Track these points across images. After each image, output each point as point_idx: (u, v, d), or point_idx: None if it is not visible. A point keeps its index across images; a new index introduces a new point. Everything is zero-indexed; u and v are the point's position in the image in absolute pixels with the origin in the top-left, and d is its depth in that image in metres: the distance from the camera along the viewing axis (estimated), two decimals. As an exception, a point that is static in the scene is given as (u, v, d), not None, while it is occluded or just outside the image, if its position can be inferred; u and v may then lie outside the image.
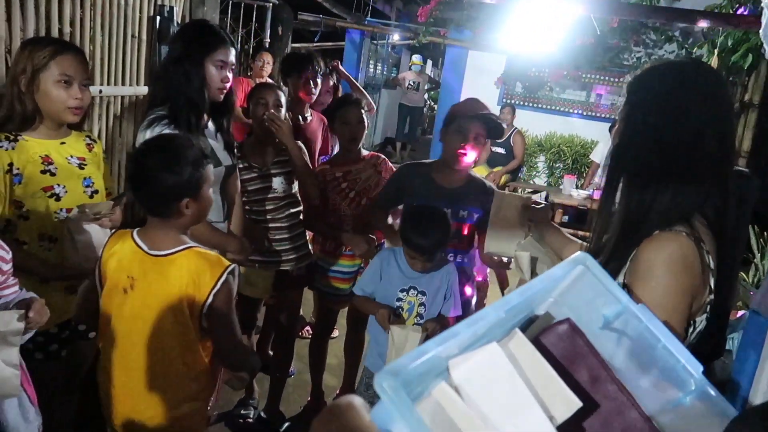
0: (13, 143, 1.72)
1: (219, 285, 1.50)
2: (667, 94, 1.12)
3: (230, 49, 2.05)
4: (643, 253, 1.06)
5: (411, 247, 2.09)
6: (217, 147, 2.15)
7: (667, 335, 0.60)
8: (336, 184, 2.62)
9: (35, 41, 1.84)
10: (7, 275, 1.49)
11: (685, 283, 1.03)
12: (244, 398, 2.80)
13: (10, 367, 1.33)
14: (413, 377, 0.50)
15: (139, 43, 3.37)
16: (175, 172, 1.47)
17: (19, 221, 1.75)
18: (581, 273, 0.66)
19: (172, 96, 1.97)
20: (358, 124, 2.60)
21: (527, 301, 0.63)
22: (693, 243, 1.04)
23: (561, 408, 0.56)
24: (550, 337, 0.64)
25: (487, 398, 0.53)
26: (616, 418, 0.60)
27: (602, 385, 0.61)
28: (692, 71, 1.14)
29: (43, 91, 1.73)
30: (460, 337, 0.54)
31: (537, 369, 0.58)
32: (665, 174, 1.10)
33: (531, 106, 8.04)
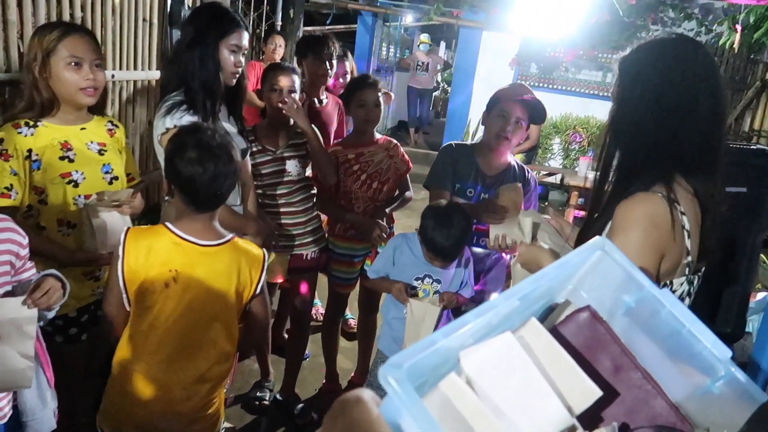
0: (32, 129, 1.72)
1: (263, 275, 1.62)
2: (662, 68, 1.20)
3: (243, 32, 2.03)
4: (619, 210, 1.17)
5: (431, 249, 2.08)
6: (231, 131, 2.14)
7: (693, 320, 0.57)
8: (348, 165, 2.60)
9: (45, 26, 1.83)
10: (24, 260, 1.50)
11: (652, 239, 1.12)
12: (260, 381, 2.82)
13: (24, 358, 1.34)
14: (421, 369, 0.48)
15: (150, 27, 3.35)
16: (233, 169, 1.55)
17: (39, 206, 1.76)
18: (600, 258, 0.63)
19: (187, 81, 1.96)
20: (374, 107, 2.57)
21: (543, 289, 0.61)
22: (666, 203, 1.14)
23: (580, 398, 0.54)
24: (570, 325, 0.62)
25: (500, 389, 0.51)
26: (642, 407, 0.58)
27: (626, 373, 0.59)
28: (684, 47, 1.22)
29: (55, 75, 1.73)
30: (470, 327, 0.52)
31: (554, 358, 0.56)
32: (656, 142, 1.19)
33: (546, 87, 7.92)
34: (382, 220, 2.60)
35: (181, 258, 1.52)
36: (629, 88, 1.24)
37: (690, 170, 1.20)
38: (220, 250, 1.56)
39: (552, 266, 0.58)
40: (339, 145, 2.68)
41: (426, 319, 1.97)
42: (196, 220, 1.56)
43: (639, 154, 1.22)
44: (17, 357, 1.33)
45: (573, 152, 7.80)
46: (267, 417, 2.69)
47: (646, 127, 1.20)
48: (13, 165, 1.67)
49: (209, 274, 1.54)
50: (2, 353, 1.30)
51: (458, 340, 0.53)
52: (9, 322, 1.30)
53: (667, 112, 1.18)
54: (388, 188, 2.69)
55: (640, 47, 1.27)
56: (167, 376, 1.55)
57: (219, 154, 1.52)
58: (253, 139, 2.38)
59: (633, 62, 1.26)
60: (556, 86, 7.95)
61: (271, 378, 2.84)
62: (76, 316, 1.87)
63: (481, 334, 0.53)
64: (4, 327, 1.29)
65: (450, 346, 0.52)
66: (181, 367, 1.55)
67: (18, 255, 1.47)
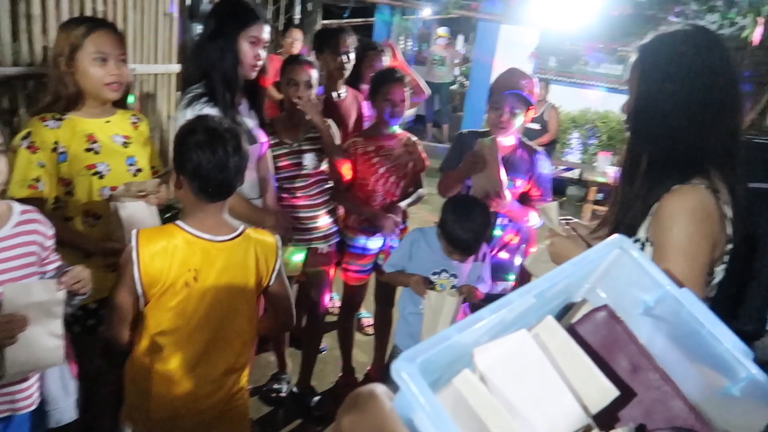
0: (59, 122, 1.75)
1: (279, 261, 1.63)
2: (690, 60, 1.19)
3: (264, 25, 2.04)
4: (666, 205, 1.16)
5: (450, 243, 2.07)
6: (251, 124, 2.16)
7: (713, 320, 0.57)
8: (367, 158, 2.60)
9: (71, 21, 1.86)
10: (49, 251, 1.53)
11: (706, 230, 1.13)
12: (277, 373, 2.85)
13: (54, 337, 1.38)
14: (434, 364, 0.48)
15: (170, 20, 3.38)
16: (243, 156, 1.52)
17: (66, 198, 1.79)
18: (618, 256, 0.63)
19: (207, 73, 1.98)
20: (400, 102, 2.57)
21: (560, 287, 0.61)
22: (711, 194, 1.15)
23: (596, 397, 0.54)
24: (587, 324, 0.61)
25: (514, 387, 0.51)
26: (660, 409, 0.57)
27: (644, 373, 0.59)
28: (708, 39, 1.22)
29: (81, 70, 1.76)
30: (484, 324, 0.52)
31: (570, 357, 0.55)
32: (688, 136, 1.18)
33: (565, 81, 7.82)
34: (396, 215, 2.61)
35: (198, 256, 1.50)
36: (655, 80, 1.22)
37: (718, 164, 1.20)
38: (234, 243, 1.55)
39: (569, 263, 0.58)
40: (360, 136, 2.68)
41: (444, 311, 1.98)
42: (207, 215, 1.53)
43: (670, 148, 1.20)
44: (47, 337, 1.37)
45: (592, 147, 7.72)
46: (283, 409, 2.71)
47: (677, 121, 1.19)
48: (41, 157, 1.70)
49: (228, 269, 1.53)
50: (33, 334, 1.34)
51: (473, 337, 0.53)
52: (37, 305, 1.34)
53: (697, 106, 1.17)
54: (405, 184, 2.69)
55: (662, 38, 1.25)
56: (195, 372, 1.54)
57: (227, 139, 1.49)
58: (271, 132, 2.40)
59: (657, 53, 1.24)
60: (576, 80, 7.85)
61: (288, 370, 2.87)
62: (96, 308, 1.90)
63: (496, 331, 0.53)
64: (32, 309, 1.33)
65: (464, 343, 0.52)
66: (210, 362, 1.55)
67: (43, 246, 1.51)
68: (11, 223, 1.44)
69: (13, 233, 1.44)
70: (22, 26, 2.34)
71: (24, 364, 1.37)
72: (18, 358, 1.34)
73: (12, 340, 1.31)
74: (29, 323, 1.33)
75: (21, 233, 1.45)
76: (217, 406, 1.60)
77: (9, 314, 1.30)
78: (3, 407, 1.47)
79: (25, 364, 1.37)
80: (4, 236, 1.42)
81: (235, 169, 1.51)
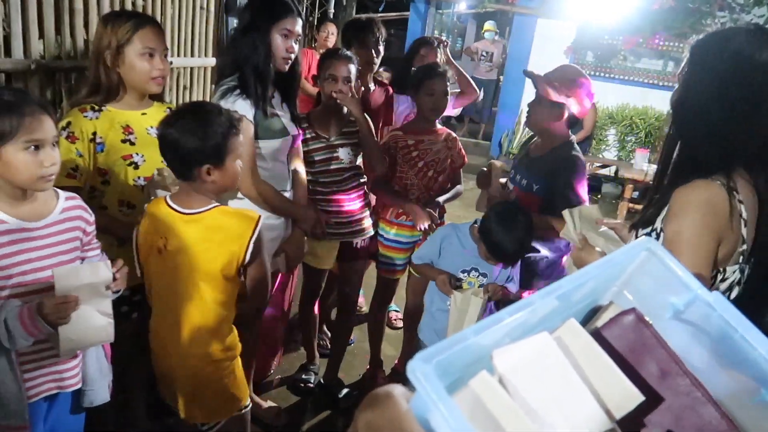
0: (97, 113, 1.80)
1: (255, 235, 1.64)
2: (730, 57, 1.18)
3: (297, 18, 2.05)
4: (677, 196, 1.20)
5: (493, 252, 2.04)
6: (283, 117, 2.18)
7: (746, 325, 0.55)
8: (407, 151, 2.60)
9: (115, 16, 1.90)
10: (90, 236, 1.60)
11: (711, 224, 1.15)
12: (306, 363, 2.88)
13: (104, 316, 1.45)
14: (452, 365, 0.48)
15: (207, 14, 3.43)
16: (197, 137, 1.56)
17: (102, 187, 1.85)
18: (646, 258, 0.61)
19: (240, 66, 2.01)
20: (443, 96, 2.56)
21: (586, 290, 0.60)
22: (725, 191, 1.16)
23: (621, 402, 0.53)
24: (614, 328, 0.60)
25: (534, 390, 0.50)
26: (691, 415, 0.56)
27: (674, 379, 0.57)
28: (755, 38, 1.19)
29: (128, 64, 1.81)
30: (506, 325, 0.51)
31: (594, 360, 0.54)
32: (720, 133, 1.19)
33: (602, 76, 7.66)
34: (434, 210, 2.60)
35: (169, 226, 1.64)
36: (697, 75, 1.24)
37: (751, 162, 1.21)
38: (202, 216, 1.64)
39: (593, 265, 0.56)
40: (400, 130, 2.68)
41: (469, 311, 1.96)
42: (185, 191, 1.66)
43: (702, 144, 1.22)
44: (98, 315, 1.44)
45: (630, 144, 7.54)
46: (311, 399, 2.74)
47: (711, 117, 1.20)
48: (79, 147, 1.76)
49: (192, 239, 1.62)
50: (85, 313, 1.41)
51: (493, 338, 0.52)
52: (87, 286, 1.40)
53: (732, 104, 1.18)
54: (443, 179, 2.68)
55: (714, 34, 1.26)
56: (172, 334, 1.69)
57: (188, 121, 1.57)
58: (306, 126, 2.41)
59: (703, 49, 1.25)
60: (614, 75, 7.67)
61: (316, 362, 2.90)
62: (129, 295, 1.95)
63: (518, 333, 0.52)
64: (83, 290, 1.39)
65: (485, 344, 0.51)
66: (180, 325, 1.68)
67: (86, 231, 1.57)
68: (59, 209, 1.51)
69: (60, 219, 1.50)
70: (65, 20, 2.40)
71: (77, 341, 1.45)
72: (71, 335, 1.41)
73: (65, 320, 1.38)
74: (80, 303, 1.40)
75: (67, 219, 1.52)
76: (197, 372, 1.71)
77: (62, 296, 1.37)
78: (51, 384, 1.55)
79: (77, 342, 1.45)
80: (53, 221, 1.49)
81: (186, 151, 1.57)
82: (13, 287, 1.40)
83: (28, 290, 1.42)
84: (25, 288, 1.42)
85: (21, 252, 1.41)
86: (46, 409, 1.57)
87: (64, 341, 1.41)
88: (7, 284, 1.39)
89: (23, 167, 1.34)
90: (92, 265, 1.44)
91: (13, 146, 1.32)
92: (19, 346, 1.35)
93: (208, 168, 1.58)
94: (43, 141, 1.37)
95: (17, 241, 1.40)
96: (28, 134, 1.33)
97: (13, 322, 1.32)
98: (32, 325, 1.33)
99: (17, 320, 1.32)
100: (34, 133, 1.34)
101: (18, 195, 1.41)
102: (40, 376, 1.52)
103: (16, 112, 1.32)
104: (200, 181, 1.60)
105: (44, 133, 1.36)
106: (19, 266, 1.40)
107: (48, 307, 1.34)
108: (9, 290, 1.40)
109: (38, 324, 1.34)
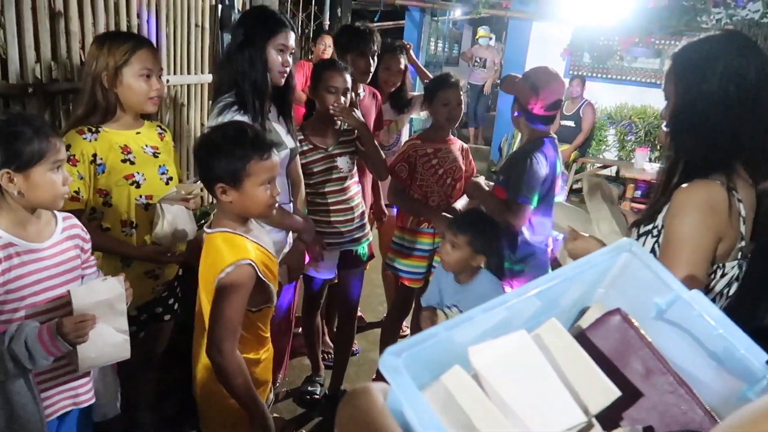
0: (95, 134, 1.82)
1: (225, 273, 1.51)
2: (724, 63, 1.23)
3: (290, 32, 2.08)
4: (678, 195, 1.23)
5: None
6: (281, 130, 2.19)
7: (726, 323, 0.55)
8: (427, 159, 2.62)
9: (110, 37, 1.92)
10: (87, 254, 1.63)
11: (710, 223, 1.18)
12: (311, 375, 2.88)
13: (120, 333, 1.48)
14: (425, 361, 0.48)
15: (202, 32, 3.46)
16: (214, 154, 1.55)
17: (103, 208, 1.86)
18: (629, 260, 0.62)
19: (237, 82, 2.02)
20: (457, 106, 2.58)
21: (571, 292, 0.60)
22: (724, 190, 1.20)
23: (598, 397, 0.53)
24: (600, 328, 0.61)
25: (509, 386, 0.50)
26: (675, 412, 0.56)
27: (658, 377, 0.58)
28: (743, 41, 1.26)
29: (126, 84, 1.83)
30: (483, 323, 0.52)
31: (573, 358, 0.55)
32: (720, 137, 1.23)
33: (600, 77, 7.67)
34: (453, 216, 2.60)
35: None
36: (691, 83, 1.27)
37: (750, 161, 1.25)
38: (208, 237, 1.65)
39: (570, 265, 0.57)
40: (417, 139, 2.70)
41: None
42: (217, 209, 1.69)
43: (702, 147, 1.26)
44: (115, 332, 1.47)
45: (629, 143, 7.54)
46: (318, 411, 2.74)
47: (711, 122, 1.24)
48: (80, 169, 1.77)
49: (203, 259, 1.66)
50: (102, 330, 1.44)
51: (471, 336, 0.53)
52: (103, 303, 1.43)
53: (730, 107, 1.22)
54: (460, 186, 2.70)
55: (697, 42, 1.30)
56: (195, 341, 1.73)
57: (211, 140, 1.59)
58: (302, 138, 2.42)
59: (693, 58, 1.29)
60: (611, 75, 7.68)
61: (322, 373, 2.90)
62: (136, 315, 1.96)
63: (500, 332, 0.53)
64: (99, 307, 1.42)
65: (465, 341, 0.52)
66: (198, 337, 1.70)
67: (83, 249, 1.60)
68: (59, 228, 1.55)
69: (62, 238, 1.54)
70: (61, 43, 2.43)
71: (95, 359, 1.47)
72: (90, 353, 1.44)
73: (84, 338, 1.41)
74: (97, 321, 1.42)
75: (68, 238, 1.56)
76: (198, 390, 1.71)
77: (80, 314, 1.40)
78: (67, 402, 1.58)
79: (95, 359, 1.48)
80: (56, 241, 1.52)
81: (204, 167, 1.59)
82: (27, 308, 1.44)
83: (41, 310, 1.46)
84: (38, 308, 1.46)
85: (31, 273, 1.45)
86: (56, 426, 1.59)
87: (84, 359, 1.44)
88: (21, 305, 1.43)
89: (49, 187, 1.43)
90: (107, 282, 1.47)
91: (43, 168, 1.40)
92: (39, 365, 1.38)
93: (222, 187, 1.55)
94: (63, 162, 1.46)
95: (27, 263, 1.44)
96: (54, 155, 1.42)
97: (33, 342, 1.35)
98: (52, 344, 1.36)
99: (37, 340, 1.35)
100: (57, 154, 1.43)
101: (26, 217, 1.46)
102: (56, 395, 1.55)
103: (45, 135, 1.40)
104: (220, 201, 1.59)
105: (63, 154, 1.46)
106: (31, 287, 1.44)
107: (67, 326, 1.37)
108: (23, 311, 1.44)
109: (58, 343, 1.37)
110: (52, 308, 1.47)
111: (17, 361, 1.33)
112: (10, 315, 1.42)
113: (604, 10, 6.49)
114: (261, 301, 1.64)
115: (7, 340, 1.33)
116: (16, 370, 1.36)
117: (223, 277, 1.50)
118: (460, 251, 1.99)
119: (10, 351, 1.32)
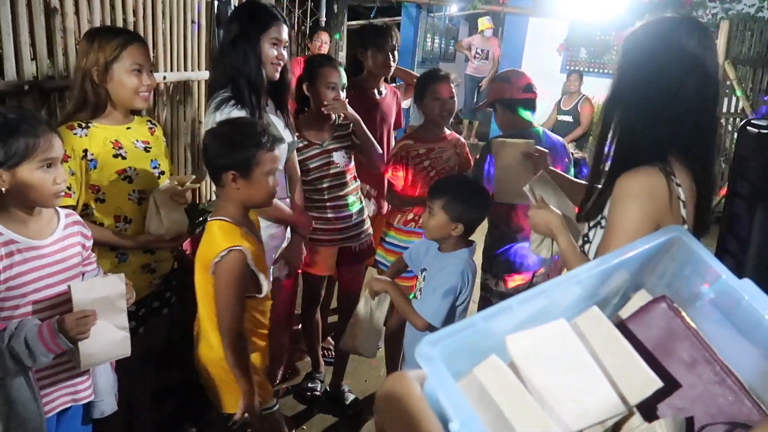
0: (85, 130, 1.80)
1: (220, 257, 1.62)
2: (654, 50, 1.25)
3: (283, 26, 2.07)
4: (619, 183, 1.24)
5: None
6: (279, 124, 2.18)
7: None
8: (419, 161, 2.58)
9: (100, 33, 1.90)
10: (89, 251, 1.63)
11: (648, 210, 1.20)
12: (311, 372, 2.87)
13: (121, 330, 1.48)
14: (462, 350, 0.48)
15: (198, 28, 3.44)
16: (227, 143, 1.64)
17: (96, 204, 1.85)
18: (674, 245, 0.60)
19: (233, 77, 2.02)
20: (449, 99, 2.54)
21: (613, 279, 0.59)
22: (663, 176, 1.21)
23: (638, 387, 0.52)
24: (644, 316, 0.59)
25: (546, 375, 0.50)
26: (721, 403, 0.55)
27: (704, 367, 0.56)
28: (678, 28, 1.25)
29: (117, 80, 1.81)
30: (515, 312, 0.51)
31: (613, 347, 0.54)
32: (649, 122, 1.24)
33: (596, 72, 7.68)
34: None
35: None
36: (624, 67, 1.30)
37: (685, 149, 1.26)
38: (208, 224, 1.74)
39: (612, 253, 0.56)
40: (410, 139, 2.65)
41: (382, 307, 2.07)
42: (219, 197, 1.77)
43: (635, 132, 1.27)
44: (115, 329, 1.46)
45: (626, 138, 7.53)
46: (318, 407, 2.73)
47: (637, 107, 1.26)
48: (72, 166, 1.76)
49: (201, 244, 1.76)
50: (103, 327, 1.43)
51: (507, 326, 0.52)
52: (103, 299, 1.42)
53: (654, 93, 1.24)
54: None
55: (645, 25, 1.31)
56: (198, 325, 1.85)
57: (222, 130, 1.71)
58: (298, 134, 2.41)
59: (636, 41, 1.30)
60: (607, 70, 7.69)
61: (322, 369, 2.89)
62: (135, 310, 1.95)
63: (537, 322, 0.52)
64: (99, 304, 1.42)
65: (503, 330, 0.52)
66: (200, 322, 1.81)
67: (84, 246, 1.60)
68: (61, 225, 1.54)
69: (64, 235, 1.54)
70: (57, 40, 2.41)
71: (96, 356, 1.47)
72: (90, 350, 1.43)
73: (85, 335, 1.40)
74: (98, 318, 1.42)
75: (69, 235, 1.56)
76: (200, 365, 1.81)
77: (81, 311, 1.39)
78: (67, 398, 1.58)
79: (96, 356, 1.47)
80: (58, 238, 1.52)
81: (214, 154, 1.69)
82: (28, 305, 1.44)
83: (42, 307, 1.46)
84: (39, 305, 1.45)
85: (33, 270, 1.45)
86: (55, 422, 1.58)
87: (84, 356, 1.43)
88: (22, 302, 1.43)
89: (39, 185, 1.41)
90: (107, 278, 1.47)
91: (29, 165, 1.39)
92: (39, 363, 1.37)
93: (233, 175, 1.64)
94: (55, 159, 1.44)
95: (29, 260, 1.44)
96: (42, 153, 1.40)
97: (33, 339, 1.34)
98: (52, 341, 1.36)
99: (37, 338, 1.34)
100: (48, 152, 1.41)
101: (26, 215, 1.45)
102: (55, 391, 1.55)
103: (32, 132, 1.38)
104: (227, 188, 1.67)
105: (56, 151, 1.44)
106: (32, 284, 1.44)
107: (69, 323, 1.37)
108: (24, 308, 1.44)
109: (58, 340, 1.36)
110: (53, 305, 1.47)
111: (17, 358, 1.33)
112: (10, 312, 1.42)
113: (601, 5, 6.49)
114: (251, 288, 1.74)
115: (7, 337, 1.32)
116: (17, 367, 1.35)
117: (217, 261, 1.62)
118: (436, 217, 1.93)
119: (10, 348, 1.32)
